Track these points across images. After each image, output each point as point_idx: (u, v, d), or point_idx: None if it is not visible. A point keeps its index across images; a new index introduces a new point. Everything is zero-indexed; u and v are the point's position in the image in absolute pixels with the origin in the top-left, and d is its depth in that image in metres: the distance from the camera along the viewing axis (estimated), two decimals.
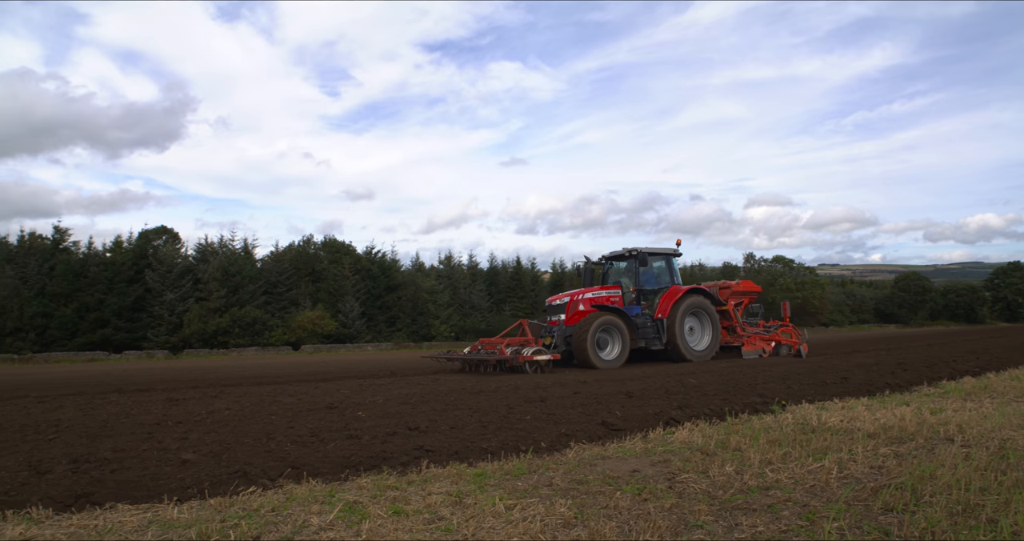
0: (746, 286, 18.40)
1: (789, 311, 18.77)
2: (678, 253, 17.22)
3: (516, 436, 5.86)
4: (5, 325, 28.63)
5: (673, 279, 16.82)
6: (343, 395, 9.26)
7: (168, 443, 5.69)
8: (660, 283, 16.75)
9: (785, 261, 55.50)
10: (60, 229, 34.02)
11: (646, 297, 16.42)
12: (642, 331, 15.38)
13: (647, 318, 15.63)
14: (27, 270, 30.71)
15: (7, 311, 28.68)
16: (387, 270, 38.83)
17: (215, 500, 4.03)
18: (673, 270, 17.00)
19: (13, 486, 4.33)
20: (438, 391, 9.51)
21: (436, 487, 4.24)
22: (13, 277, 29.91)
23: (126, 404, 8.83)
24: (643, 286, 16.43)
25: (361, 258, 38.89)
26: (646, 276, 16.66)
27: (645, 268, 16.33)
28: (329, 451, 5.30)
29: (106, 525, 3.59)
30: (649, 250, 16.47)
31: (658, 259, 16.98)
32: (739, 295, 18.09)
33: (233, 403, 8.53)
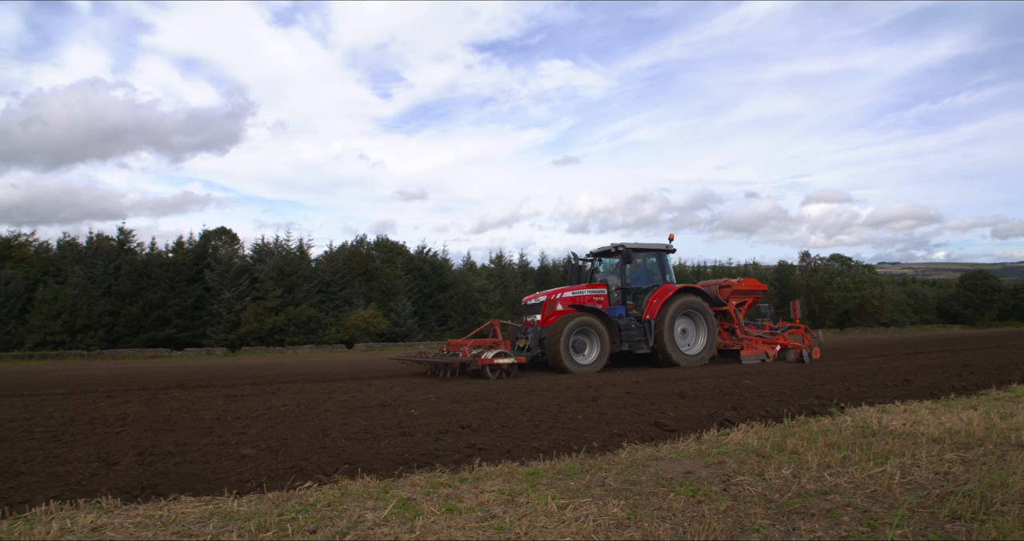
0: (749, 285, 16.94)
1: (799, 312, 17.30)
2: (671, 249, 15.87)
3: (568, 435, 5.84)
4: (75, 323, 29.80)
5: (665, 277, 15.51)
6: (396, 393, 9.37)
7: (228, 438, 5.84)
8: (651, 281, 15.50)
9: (843, 259, 53.97)
10: (124, 231, 35.23)
11: (635, 297, 15.18)
12: (626, 333, 14.15)
13: (632, 319, 14.44)
14: (95, 270, 31.90)
15: (77, 309, 29.86)
16: (439, 269, 39.15)
17: (273, 494, 4.12)
18: (665, 267, 15.67)
19: (85, 476, 4.51)
20: (489, 390, 9.54)
21: (488, 485, 4.26)
22: (83, 277, 31.11)
23: (188, 399, 9.10)
24: (631, 285, 15.18)
25: (413, 257, 39.30)
26: (637, 274, 15.56)
27: (631, 265, 15.16)
28: (383, 448, 5.37)
29: (170, 516, 3.71)
30: (636, 245, 15.29)
31: (646, 255, 15.81)
32: (741, 294, 16.63)
33: (289, 400, 8.71)
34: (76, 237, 34.94)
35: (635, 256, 15.27)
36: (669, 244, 15.79)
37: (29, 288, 30.97)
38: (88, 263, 32.21)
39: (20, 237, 35.75)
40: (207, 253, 34.93)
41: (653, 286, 15.12)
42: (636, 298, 15.10)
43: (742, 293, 16.53)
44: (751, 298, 16.82)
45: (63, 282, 31.27)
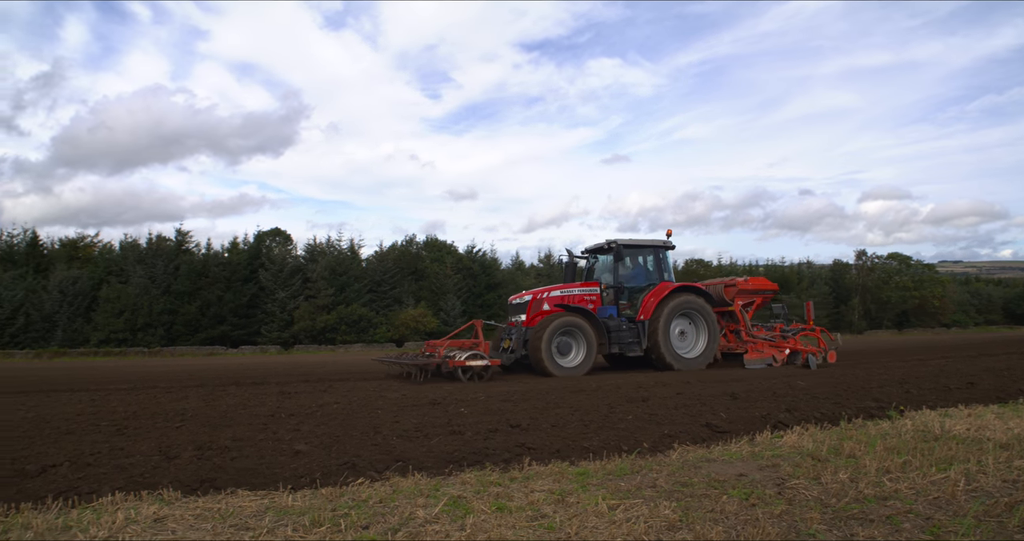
0: (758, 283, 15.76)
1: (813, 312, 16.09)
2: (669, 245, 14.88)
3: (618, 436, 5.81)
4: (137, 321, 30.81)
5: (663, 275, 14.60)
6: (445, 391, 9.44)
7: (282, 434, 5.97)
8: (649, 280, 14.61)
9: (901, 258, 52.31)
10: (181, 232, 36.31)
11: (631, 296, 14.33)
12: (616, 335, 13.36)
13: (622, 320, 13.63)
14: (155, 270, 32.92)
15: (139, 308, 30.87)
16: (487, 268, 39.33)
17: (326, 490, 4.19)
18: (663, 265, 14.73)
19: (147, 469, 4.66)
20: (539, 389, 9.54)
21: (538, 485, 4.26)
22: (143, 277, 32.14)
23: (243, 396, 9.32)
24: (625, 283, 14.27)
25: (462, 257, 39.56)
26: (633, 272, 14.73)
27: (623, 263, 14.30)
28: (433, 446, 5.42)
29: (228, 509, 3.80)
30: (629, 241, 14.41)
31: (641, 252, 14.88)
32: (748, 294, 15.47)
33: (341, 397, 8.85)
34: (137, 238, 36.16)
35: (628, 253, 14.49)
36: (667, 240, 14.91)
37: (94, 287, 32.13)
38: (148, 263, 33.26)
39: (85, 239, 37.15)
40: (261, 253, 35.76)
41: (649, 285, 14.36)
42: (632, 298, 14.33)
43: (749, 292, 15.45)
44: (760, 298, 15.70)
45: (125, 282, 32.37)
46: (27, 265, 33.41)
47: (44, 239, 36.14)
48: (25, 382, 13.14)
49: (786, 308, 16.59)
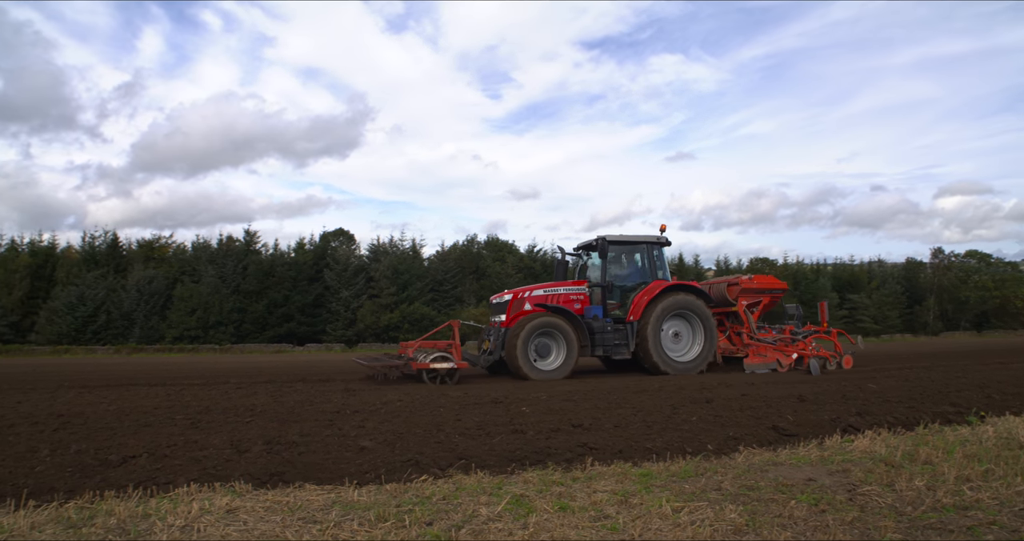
0: (764, 282, 14.70)
1: (827, 314, 14.98)
2: (664, 241, 13.83)
3: (681, 437, 5.73)
4: (208, 319, 31.95)
5: (656, 274, 13.58)
6: (507, 390, 9.48)
7: (347, 430, 6.09)
8: (643, 278, 13.64)
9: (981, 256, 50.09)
10: (250, 233, 37.48)
11: (623, 295, 13.50)
12: (601, 336, 12.57)
13: (607, 321, 12.76)
14: (225, 270, 34.05)
15: (210, 306, 32.00)
16: (549, 267, 39.33)
17: (391, 486, 4.27)
18: (656, 263, 13.72)
19: (219, 462, 4.82)
20: (601, 389, 9.49)
21: (601, 485, 4.23)
22: (214, 276, 33.28)
23: (310, 393, 9.55)
24: (614, 282, 13.46)
25: (524, 256, 39.70)
26: (626, 270, 13.98)
27: (611, 260, 13.47)
28: (495, 444, 5.44)
29: (296, 502, 3.90)
30: (617, 238, 13.54)
31: (632, 249, 14.00)
32: (753, 293, 14.41)
33: (404, 395, 8.98)
34: (208, 239, 37.52)
35: (617, 250, 13.72)
36: (661, 236, 13.87)
37: (169, 286, 33.42)
38: (219, 263, 34.42)
39: (161, 240, 38.67)
40: (326, 253, 36.62)
41: (642, 284, 13.44)
42: (624, 297, 13.53)
43: (754, 292, 14.40)
44: (767, 298, 14.66)
45: (197, 281, 33.59)
46: (108, 265, 34.97)
47: (123, 241, 37.79)
48: (107, 376, 13.75)
49: (800, 309, 15.53)
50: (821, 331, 14.51)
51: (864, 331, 40.77)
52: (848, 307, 41.46)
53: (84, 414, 7.22)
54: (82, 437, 5.81)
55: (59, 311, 31.13)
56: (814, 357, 13.22)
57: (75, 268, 34.00)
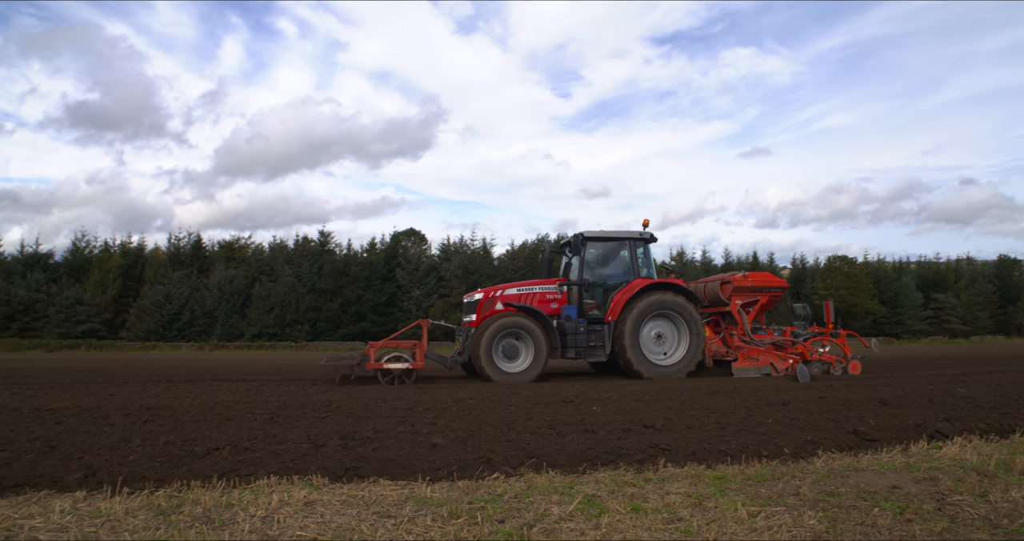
0: (759, 280, 13.67)
1: (833, 314, 13.90)
2: (648, 237, 13.04)
3: (756, 440, 5.59)
4: (285, 317, 32.98)
5: (638, 272, 12.78)
6: (578, 390, 9.44)
7: (420, 427, 6.18)
8: (625, 277, 12.89)
9: None
10: (324, 233, 38.49)
11: (605, 295, 12.84)
12: (573, 338, 12.01)
13: (581, 322, 12.17)
14: (301, 270, 35.06)
15: (287, 305, 33.03)
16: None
17: (462, 483, 4.31)
18: (640, 260, 12.94)
19: (297, 456, 4.97)
20: (673, 389, 9.35)
21: (674, 487, 4.17)
22: (291, 276, 34.33)
23: (383, 390, 9.73)
24: (594, 280, 12.96)
25: None
26: (608, 268, 13.25)
27: (588, 257, 12.86)
28: (566, 444, 5.43)
29: (371, 497, 3.99)
30: (595, 234, 12.87)
31: (613, 246, 13.25)
32: (748, 292, 13.44)
33: (475, 393, 9.05)
34: (285, 240, 38.72)
35: (595, 246, 13.10)
36: (644, 231, 13.06)
37: (248, 286, 34.63)
38: (295, 263, 35.47)
39: (240, 240, 40.14)
40: (398, 253, 37.28)
41: (623, 282, 12.72)
42: (604, 296, 12.91)
43: (748, 290, 13.44)
44: (765, 297, 13.58)
45: (275, 281, 34.68)
46: (192, 266, 36.50)
47: (206, 242, 39.37)
48: (191, 372, 14.33)
49: (808, 308, 14.31)
50: (826, 333, 13.43)
51: (951, 332, 38.93)
52: (933, 307, 39.62)
53: (171, 407, 7.55)
54: (170, 429, 6.08)
55: (147, 309, 32.66)
56: (806, 362, 12.34)
57: (162, 268, 35.60)
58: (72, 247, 37.77)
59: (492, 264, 38.00)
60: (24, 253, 36.54)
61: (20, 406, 7.70)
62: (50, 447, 5.27)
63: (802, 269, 43.64)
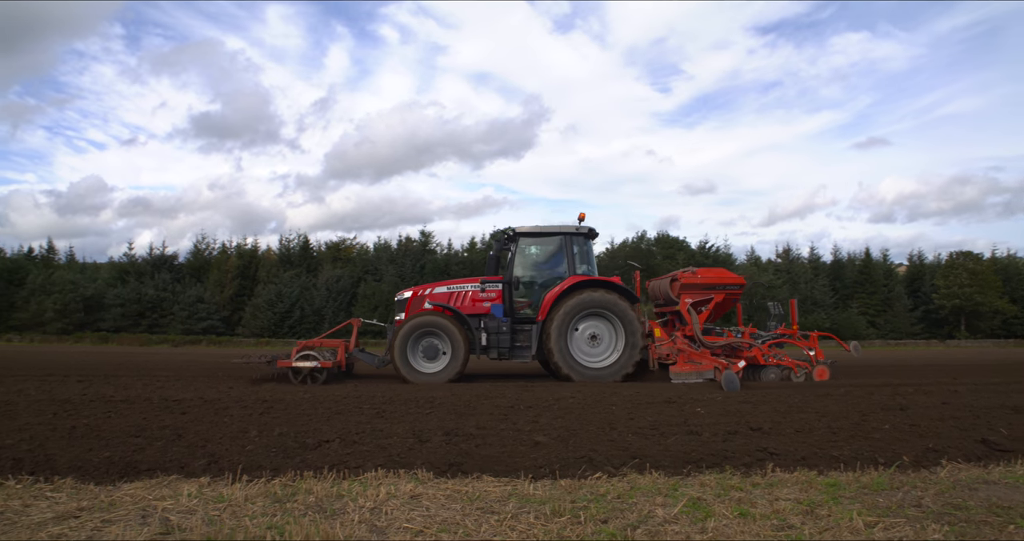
0: (711, 276, 12.60)
1: (797, 314, 12.74)
2: (584, 232, 12.35)
3: (872, 446, 5.31)
4: (389, 316, 33.96)
5: (574, 269, 12.06)
6: (680, 390, 9.26)
7: (521, 425, 6.22)
8: (561, 274, 12.14)
9: None
10: (425, 233, 39.61)
11: (542, 292, 12.09)
12: (496, 337, 11.50)
13: (504, 320, 11.62)
14: (403, 269, 36.06)
15: (391, 303, 34.00)
16: (721, 264, 38.10)
17: (565, 481, 4.30)
18: (578, 257, 12.23)
19: (403, 450, 5.10)
20: (780, 392, 9.02)
21: (783, 492, 4.02)
22: (394, 275, 35.35)
23: (484, 387, 9.85)
24: (530, 277, 12.36)
25: (695, 253, 38.74)
26: (544, 265, 12.56)
27: (520, 254, 12.27)
28: (669, 445, 5.33)
29: (475, 492, 4.04)
30: (528, 229, 12.36)
31: (547, 242, 12.57)
32: (699, 290, 12.34)
33: (576, 392, 9.03)
34: (389, 240, 39.95)
35: (528, 242, 12.54)
36: (580, 226, 12.38)
37: (354, 285, 35.93)
38: (398, 263, 36.53)
39: (345, 241, 41.69)
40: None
41: (557, 280, 12.03)
42: (537, 294, 12.22)
43: (698, 288, 12.37)
44: (720, 294, 12.41)
45: (379, 280, 35.81)
46: (301, 265, 38.24)
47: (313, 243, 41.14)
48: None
49: (780, 307, 13.24)
50: (792, 334, 12.39)
51: None
52: None
53: (284, 400, 7.91)
54: (283, 421, 6.37)
55: (261, 307, 34.43)
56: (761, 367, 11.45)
57: (274, 268, 37.44)
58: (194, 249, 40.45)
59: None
60: (152, 255, 39.37)
61: (151, 397, 8.27)
62: (177, 435, 5.63)
63: (920, 266, 41.23)
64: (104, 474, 4.46)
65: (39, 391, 8.90)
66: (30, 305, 35.24)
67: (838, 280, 40.24)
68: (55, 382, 10.35)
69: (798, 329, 12.44)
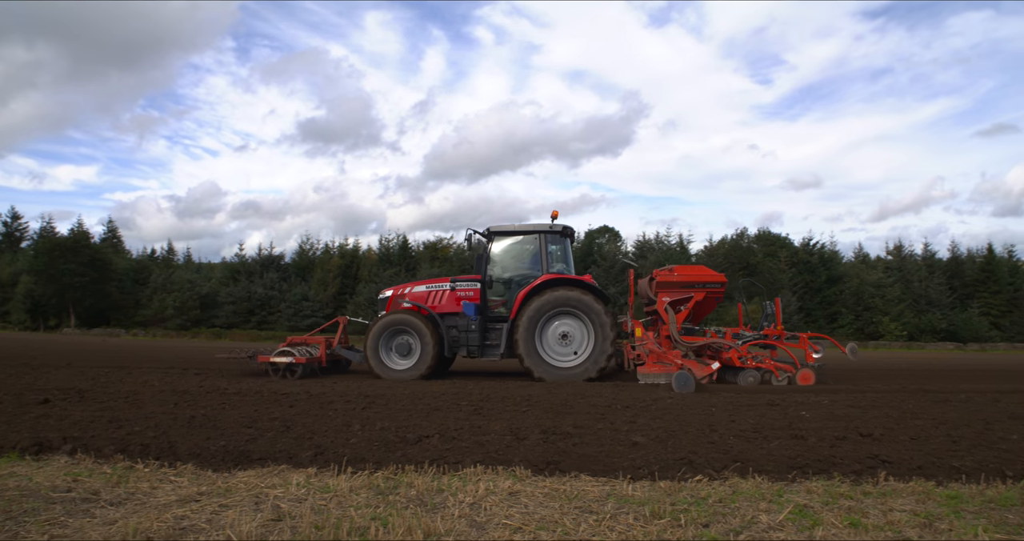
0: (689, 274, 12.03)
1: (782, 313, 12.10)
2: (556, 230, 12.16)
3: (998, 457, 4.96)
4: None
5: (548, 267, 11.89)
6: (783, 393, 8.95)
7: (619, 425, 6.16)
8: (537, 272, 11.95)
9: None
10: None
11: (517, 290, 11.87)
12: (465, 335, 11.52)
13: (473, 319, 11.54)
14: None
15: None
16: (827, 262, 36.55)
17: (664, 483, 4.23)
18: (552, 255, 12.12)
19: (501, 447, 5.16)
20: (891, 397, 8.57)
21: (897, 503, 3.82)
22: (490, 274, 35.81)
23: (580, 386, 9.83)
24: (500, 276, 12.25)
25: (798, 250, 37.28)
26: (519, 263, 12.43)
27: (495, 253, 12.23)
28: (773, 449, 5.16)
29: (572, 491, 4.04)
30: (502, 228, 12.32)
31: (521, 241, 12.44)
32: (677, 288, 11.79)
33: (674, 393, 8.87)
34: None
35: (502, 241, 12.38)
36: (554, 224, 12.15)
37: None
38: None
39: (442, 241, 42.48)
40: (592, 250, 37.51)
41: (530, 278, 11.84)
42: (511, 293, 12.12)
43: (675, 286, 11.79)
44: (700, 293, 11.82)
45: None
46: (400, 265, 39.21)
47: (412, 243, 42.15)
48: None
49: (771, 306, 12.39)
50: (780, 335, 11.69)
51: None
52: None
53: (385, 396, 8.15)
54: (384, 416, 6.56)
55: (362, 305, 35.49)
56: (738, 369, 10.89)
57: (374, 267, 38.58)
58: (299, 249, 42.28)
59: (690, 261, 37.10)
60: (261, 255, 41.39)
61: (261, 390, 8.70)
62: (286, 427, 5.90)
63: None
64: (220, 461, 4.73)
65: (162, 382, 9.55)
66: (152, 303, 37.85)
67: (956, 278, 37.74)
68: (175, 374, 11.10)
69: (783, 330, 11.85)
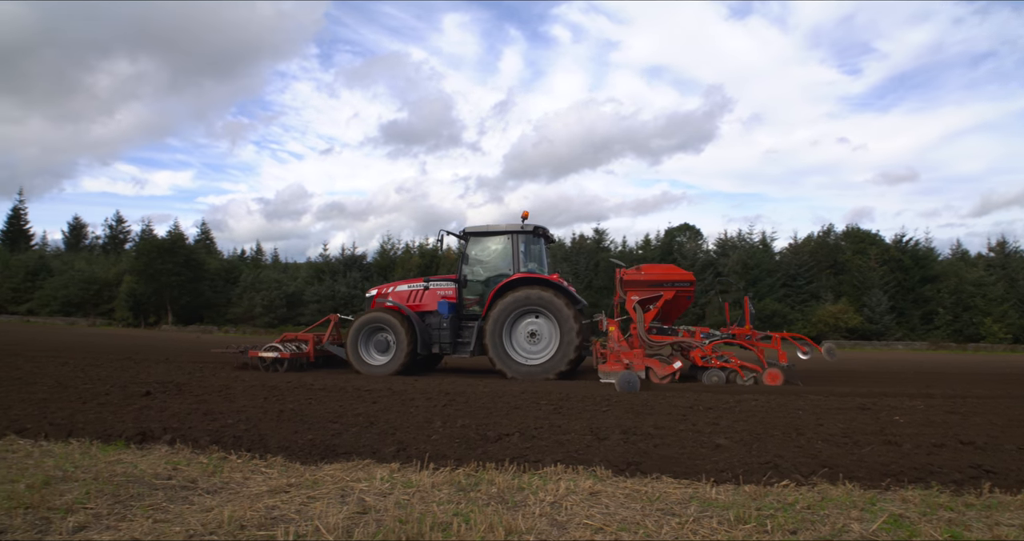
0: (656, 272, 12.05)
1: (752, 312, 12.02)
2: (527, 230, 12.34)
3: None
4: None
5: (519, 267, 12.12)
6: (873, 397, 8.60)
7: (701, 426, 6.05)
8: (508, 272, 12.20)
9: None
10: (599, 231, 39.60)
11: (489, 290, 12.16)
12: (437, 333, 12.04)
13: (444, 317, 12.02)
14: (577, 267, 36.28)
15: None
16: (921, 260, 34.81)
17: (749, 487, 4.12)
18: (524, 256, 12.34)
19: (581, 446, 5.14)
20: (994, 403, 8.11)
21: (1004, 517, 3.60)
22: (568, 273, 35.65)
23: (660, 388, 9.71)
24: (474, 275, 12.65)
25: (889, 247, 35.67)
26: (493, 263, 12.65)
27: (470, 253, 12.73)
28: (864, 455, 4.96)
29: (654, 493, 3.99)
30: (476, 229, 12.79)
31: (494, 241, 12.71)
32: (644, 287, 11.75)
33: (759, 394, 8.67)
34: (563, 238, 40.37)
35: (477, 241, 12.81)
36: (525, 224, 12.36)
37: None
38: (572, 260, 36.79)
39: None
40: (673, 249, 36.93)
41: (501, 277, 12.13)
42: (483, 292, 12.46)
43: (643, 285, 11.78)
44: (670, 292, 11.72)
45: None
46: None
47: None
48: (477, 362, 15.37)
49: (751, 306, 12.31)
50: (753, 335, 11.80)
51: None
52: None
53: (465, 394, 8.25)
54: (465, 413, 6.65)
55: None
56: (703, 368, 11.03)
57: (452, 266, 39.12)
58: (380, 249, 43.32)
59: (773, 259, 36.06)
60: (344, 255, 42.64)
61: (345, 386, 8.96)
62: (369, 422, 6.05)
63: None
64: (308, 455, 4.90)
65: (252, 377, 9.98)
66: (242, 301, 39.58)
67: None
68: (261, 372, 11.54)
69: (752, 329, 11.93)
